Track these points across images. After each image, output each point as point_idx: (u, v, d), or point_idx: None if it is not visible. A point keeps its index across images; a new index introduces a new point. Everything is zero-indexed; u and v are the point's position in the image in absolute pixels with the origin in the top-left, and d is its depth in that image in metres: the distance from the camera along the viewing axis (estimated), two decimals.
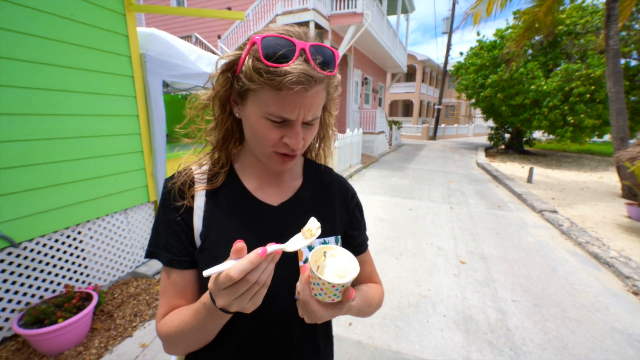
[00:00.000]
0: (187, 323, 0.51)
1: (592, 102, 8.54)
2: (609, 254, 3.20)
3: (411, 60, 21.94)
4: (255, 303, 0.44)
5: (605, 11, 5.05)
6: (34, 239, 1.92)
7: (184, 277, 0.58)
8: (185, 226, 0.58)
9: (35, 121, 1.86)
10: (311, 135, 0.55)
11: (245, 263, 0.40)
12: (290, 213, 0.62)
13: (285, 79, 0.45)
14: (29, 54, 1.80)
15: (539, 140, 16.89)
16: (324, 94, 0.53)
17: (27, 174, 1.84)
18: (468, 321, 2.26)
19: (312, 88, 0.48)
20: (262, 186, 0.63)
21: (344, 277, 0.46)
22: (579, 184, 6.97)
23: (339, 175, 0.74)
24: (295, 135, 0.51)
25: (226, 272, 0.40)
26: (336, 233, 0.66)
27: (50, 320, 1.73)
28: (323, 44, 0.50)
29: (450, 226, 4.17)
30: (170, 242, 0.57)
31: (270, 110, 0.49)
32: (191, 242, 0.58)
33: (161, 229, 0.59)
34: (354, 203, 0.73)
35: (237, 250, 0.41)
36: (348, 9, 7.76)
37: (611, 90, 5.12)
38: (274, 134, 0.51)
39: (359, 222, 0.73)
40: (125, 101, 2.39)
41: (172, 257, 0.57)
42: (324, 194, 0.68)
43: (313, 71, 0.47)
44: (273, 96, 0.48)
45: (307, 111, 0.50)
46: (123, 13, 2.30)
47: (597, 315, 2.35)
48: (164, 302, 0.58)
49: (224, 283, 0.40)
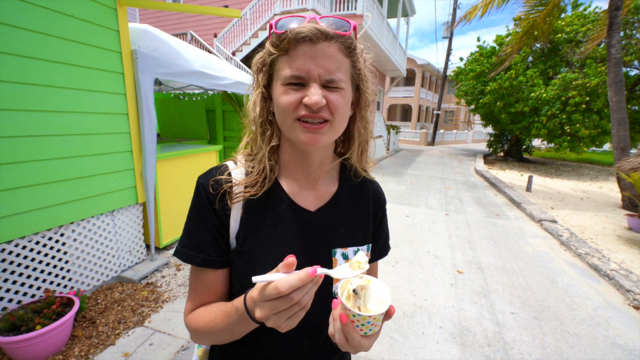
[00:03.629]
0: (217, 323, 0.52)
1: (589, 112, 8.54)
2: (609, 266, 3.14)
3: (411, 64, 21.99)
4: (291, 324, 0.42)
5: (607, 20, 5.03)
6: (13, 241, 1.83)
7: (217, 277, 0.58)
8: (221, 227, 0.57)
9: (18, 117, 1.78)
10: (338, 100, 0.51)
11: (295, 279, 0.39)
12: (326, 219, 0.61)
13: (290, 35, 0.48)
14: (13, 46, 1.72)
15: (538, 148, 16.94)
16: (342, 56, 0.51)
17: (8, 172, 1.76)
18: (465, 333, 2.18)
19: (320, 42, 0.48)
20: (300, 190, 0.61)
21: (385, 301, 0.45)
22: (578, 194, 6.93)
23: (374, 181, 0.72)
24: (312, 91, 0.48)
25: (275, 284, 0.39)
26: (368, 241, 0.66)
27: (27, 327, 1.65)
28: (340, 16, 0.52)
29: (448, 234, 4.10)
30: (205, 241, 0.56)
31: (285, 75, 0.50)
32: (226, 242, 0.58)
33: (194, 228, 0.57)
34: (383, 211, 0.72)
35: (288, 264, 0.40)
36: (348, 10, 7.75)
37: (612, 100, 5.08)
38: (292, 97, 0.50)
39: (384, 231, 0.73)
40: (114, 99, 2.31)
41: (207, 257, 0.56)
42: (359, 200, 0.67)
43: (317, 25, 0.48)
44: (286, 60, 0.50)
45: (319, 66, 0.48)
46: (114, 7, 2.23)
47: (598, 329, 2.28)
48: (194, 298, 0.59)
49: (270, 295, 0.39)
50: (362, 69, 0.56)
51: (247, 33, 7.77)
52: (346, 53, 0.52)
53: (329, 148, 0.63)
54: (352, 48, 0.53)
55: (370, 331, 0.45)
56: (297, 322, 0.43)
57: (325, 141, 0.53)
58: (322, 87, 0.49)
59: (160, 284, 2.53)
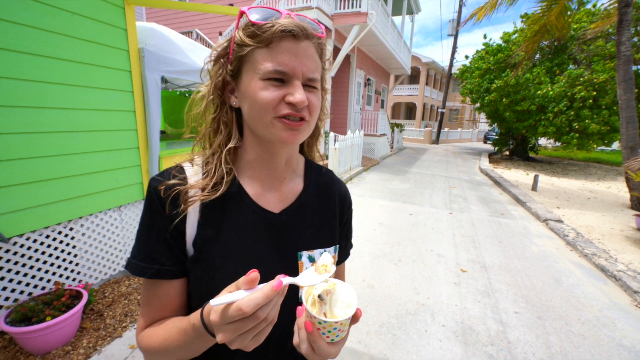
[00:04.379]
0: (173, 341, 0.47)
1: (598, 108, 8.41)
2: (616, 267, 3.11)
3: (415, 62, 21.81)
4: (257, 341, 0.39)
5: (617, 16, 4.94)
6: (25, 234, 1.88)
7: (173, 288, 0.53)
8: (176, 233, 0.52)
9: (28, 114, 1.81)
10: (316, 101, 0.51)
11: (259, 296, 0.35)
12: (291, 221, 0.58)
13: (274, 28, 0.46)
14: (24, 45, 1.75)
15: (545, 147, 16.73)
16: (317, 58, 0.51)
17: (20, 168, 1.80)
18: (468, 332, 2.18)
19: (302, 40, 0.48)
20: (263, 191, 0.58)
21: (351, 304, 0.43)
22: (585, 193, 6.84)
23: (339, 180, 0.71)
24: (297, 90, 0.47)
25: (238, 305, 0.35)
26: (335, 243, 0.63)
27: (38, 318, 1.69)
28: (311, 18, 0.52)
29: (451, 233, 4.09)
30: (158, 250, 0.51)
31: (265, 68, 0.46)
32: (182, 250, 0.53)
33: (146, 236, 0.52)
34: (350, 211, 0.70)
35: (251, 280, 0.36)
36: (352, 8, 7.70)
37: (622, 98, 5.00)
38: (274, 94, 0.47)
39: (349, 232, 0.71)
40: (122, 96, 2.35)
41: (161, 267, 0.51)
42: (325, 200, 0.64)
43: (299, 22, 0.47)
44: (266, 53, 0.47)
45: (303, 65, 0.47)
46: (122, 6, 2.25)
47: (603, 330, 2.27)
48: (147, 313, 0.53)
49: (233, 317, 0.35)
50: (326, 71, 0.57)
51: None
52: (320, 55, 0.52)
53: (295, 146, 0.61)
54: (324, 51, 0.54)
55: (337, 337, 0.43)
56: (264, 337, 0.39)
57: (301, 139, 0.52)
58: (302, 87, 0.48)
59: None
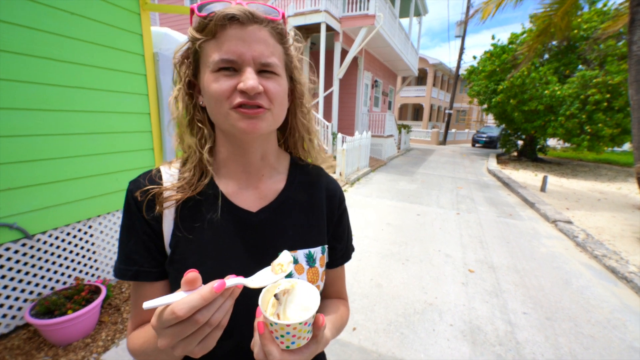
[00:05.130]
0: (150, 344, 0.46)
1: (611, 111, 8.26)
2: (627, 269, 3.07)
3: (422, 63, 21.72)
4: (205, 347, 0.36)
5: (628, 15, 4.87)
6: (47, 232, 1.96)
7: (155, 290, 0.52)
8: (153, 234, 0.51)
9: (50, 116, 1.90)
10: (276, 88, 0.48)
11: (195, 298, 0.32)
12: (270, 220, 0.55)
13: (216, 16, 0.44)
14: (45, 50, 1.84)
15: (554, 148, 16.46)
16: (274, 42, 0.48)
17: (42, 168, 1.89)
18: (475, 332, 2.20)
19: (250, 24, 0.45)
20: (239, 189, 0.56)
21: (309, 308, 0.39)
22: (595, 195, 6.74)
23: (328, 175, 0.67)
24: (247, 77, 0.44)
25: (171, 307, 0.32)
26: (322, 242, 0.60)
27: (60, 311, 1.76)
28: (266, 3, 0.49)
29: (459, 233, 4.09)
30: (137, 251, 0.51)
31: (213, 60, 0.45)
32: (161, 252, 0.52)
33: (125, 238, 0.52)
34: (341, 210, 0.65)
35: (188, 281, 0.34)
36: (360, 10, 7.75)
37: (633, 98, 4.91)
38: (225, 84, 0.45)
39: (344, 232, 0.66)
40: (137, 99, 2.43)
41: (139, 269, 0.51)
42: (309, 197, 0.60)
43: (246, 7, 0.45)
44: (213, 45, 0.45)
45: (252, 49, 0.45)
46: (138, 12, 2.34)
47: (614, 332, 2.25)
48: (134, 315, 0.53)
49: (167, 321, 0.32)
50: (295, 57, 0.53)
51: None
52: (278, 39, 0.49)
53: (270, 140, 0.57)
54: (283, 34, 0.50)
55: (293, 344, 0.39)
56: (214, 343, 0.37)
57: (265, 128, 0.48)
58: (257, 74, 0.46)
59: None
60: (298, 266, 0.55)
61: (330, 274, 0.66)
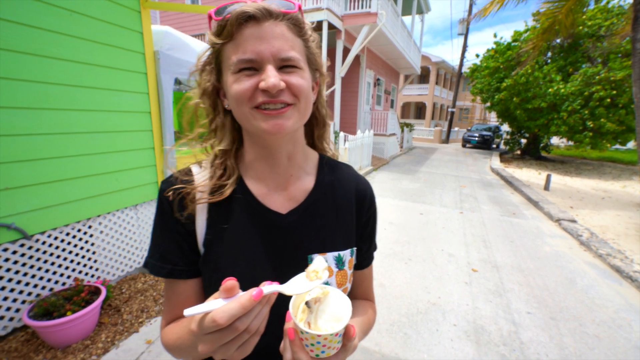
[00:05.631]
0: (184, 341, 0.48)
1: (614, 107, 8.19)
2: (632, 268, 3.03)
3: (425, 61, 21.62)
4: (244, 352, 0.37)
5: (632, 13, 4.81)
6: (46, 232, 1.95)
7: (188, 288, 0.54)
8: (186, 234, 0.53)
9: (50, 115, 1.89)
10: (300, 81, 0.46)
11: (235, 307, 0.33)
12: (299, 222, 0.55)
13: (231, 18, 0.44)
14: (46, 49, 1.82)
15: (557, 146, 16.36)
16: (293, 36, 0.47)
17: (42, 167, 1.87)
18: (479, 332, 2.17)
19: (266, 20, 0.44)
20: (269, 191, 0.56)
21: (341, 319, 0.39)
22: (599, 193, 6.68)
23: (358, 175, 0.64)
24: (268, 74, 0.43)
25: (212, 316, 0.33)
26: (351, 245, 0.59)
27: (59, 312, 1.75)
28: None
29: (462, 232, 4.05)
30: (171, 250, 0.52)
31: (233, 62, 0.45)
32: (194, 250, 0.53)
33: (159, 236, 0.54)
34: (371, 211, 0.63)
35: (227, 289, 0.35)
36: (362, 8, 7.70)
37: (637, 96, 4.85)
38: (246, 84, 0.45)
39: (372, 234, 0.65)
40: (138, 98, 2.41)
41: (174, 267, 0.52)
42: (339, 198, 0.59)
43: (259, 4, 0.44)
44: (232, 47, 0.45)
45: (270, 45, 0.44)
46: (138, 10, 2.32)
47: (619, 332, 2.22)
48: (167, 310, 0.55)
49: (208, 328, 0.34)
50: (315, 48, 0.52)
51: None
52: (296, 32, 0.48)
53: (297, 140, 0.55)
54: (301, 26, 0.49)
55: (323, 354, 0.39)
56: (252, 348, 0.38)
57: (290, 127, 0.47)
58: (278, 70, 0.45)
59: None
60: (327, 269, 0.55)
61: (358, 275, 0.65)
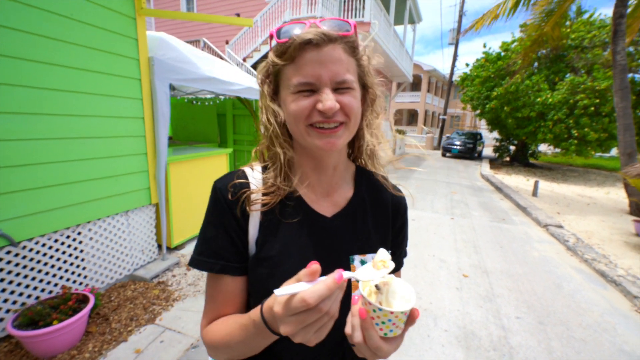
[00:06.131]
0: (234, 336, 0.49)
1: (598, 116, 8.49)
2: (616, 272, 3.12)
3: (417, 70, 22.05)
4: (319, 336, 0.39)
5: (612, 27, 5.04)
6: (34, 239, 1.91)
7: (236, 284, 0.56)
8: (240, 232, 0.56)
9: (41, 121, 1.87)
10: (351, 101, 0.51)
11: (322, 288, 0.35)
12: (342, 225, 0.60)
13: (295, 43, 0.48)
14: (40, 54, 1.82)
15: (545, 153, 16.78)
16: (348, 57, 0.51)
17: (30, 173, 1.84)
18: (470, 337, 2.20)
19: (325, 45, 0.48)
20: (316, 196, 0.61)
21: (409, 300, 0.43)
22: (585, 199, 6.87)
23: (395, 186, 0.70)
24: (325, 97, 0.48)
25: (301, 295, 0.35)
26: (387, 248, 0.64)
27: (45, 321, 1.71)
28: (339, 18, 0.52)
29: (453, 238, 4.11)
30: (224, 247, 0.55)
31: (293, 83, 0.49)
32: (245, 248, 0.56)
33: (213, 233, 0.56)
34: (404, 218, 0.69)
35: (312, 272, 0.37)
36: (355, 18, 7.87)
37: (618, 106, 5.07)
38: (304, 103, 0.49)
39: (404, 239, 0.70)
40: (132, 103, 2.41)
41: (226, 263, 0.55)
42: (377, 205, 0.65)
43: (319, 29, 0.48)
44: (292, 69, 0.49)
45: (329, 70, 0.48)
46: (134, 17, 2.33)
47: (604, 335, 2.28)
48: (211, 309, 0.56)
49: (296, 308, 0.36)
50: (366, 66, 0.56)
51: (258, 40, 7.95)
52: (351, 53, 0.52)
53: (342, 152, 0.62)
54: (356, 47, 0.53)
55: (390, 332, 0.42)
56: (326, 333, 0.39)
57: (341, 144, 0.52)
58: (332, 91, 0.49)
59: (171, 283, 2.59)
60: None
61: None
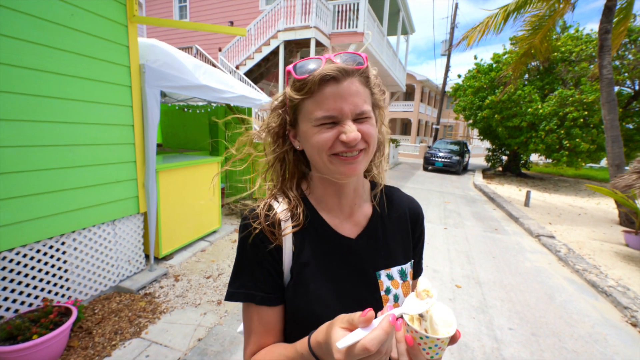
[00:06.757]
0: None
1: (587, 127, 8.70)
2: (606, 283, 3.14)
3: (410, 79, 22.43)
4: None
5: (598, 42, 5.21)
6: (15, 249, 1.85)
7: (275, 314, 0.58)
8: (275, 263, 0.58)
9: (29, 127, 1.84)
10: (370, 129, 0.54)
11: (381, 334, 0.38)
12: (367, 244, 0.62)
13: (314, 79, 0.50)
14: (29, 61, 1.80)
15: (536, 163, 17.06)
16: (364, 88, 0.54)
17: (13, 181, 1.80)
18: (463, 349, 2.17)
19: (344, 79, 0.51)
20: (340, 220, 0.63)
21: (451, 324, 0.44)
22: (576, 209, 6.96)
23: (408, 196, 0.74)
24: (348, 129, 0.51)
25: (364, 344, 0.38)
26: (409, 258, 0.67)
27: (24, 336, 1.64)
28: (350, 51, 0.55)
29: (446, 248, 4.11)
30: (261, 279, 0.57)
31: (315, 116, 0.52)
32: (281, 278, 0.59)
33: (248, 267, 0.58)
34: (422, 227, 0.72)
35: (368, 319, 0.40)
36: (349, 28, 7.99)
37: (606, 118, 5.20)
38: (328, 135, 0.52)
39: (422, 247, 0.73)
40: (121, 110, 2.38)
41: (265, 295, 0.57)
42: (396, 218, 0.68)
43: (336, 64, 0.51)
44: (313, 103, 0.52)
45: (349, 103, 0.51)
46: (125, 24, 2.33)
47: (596, 346, 2.27)
48: (253, 340, 0.58)
49: (359, 355, 0.38)
50: (377, 93, 0.60)
51: (251, 48, 8.00)
52: (365, 84, 0.55)
53: (361, 175, 0.65)
54: (369, 77, 0.57)
55: (436, 355, 0.44)
56: None
57: (362, 169, 0.56)
58: (352, 121, 0.52)
59: (158, 295, 2.52)
60: (394, 282, 0.62)
61: None
